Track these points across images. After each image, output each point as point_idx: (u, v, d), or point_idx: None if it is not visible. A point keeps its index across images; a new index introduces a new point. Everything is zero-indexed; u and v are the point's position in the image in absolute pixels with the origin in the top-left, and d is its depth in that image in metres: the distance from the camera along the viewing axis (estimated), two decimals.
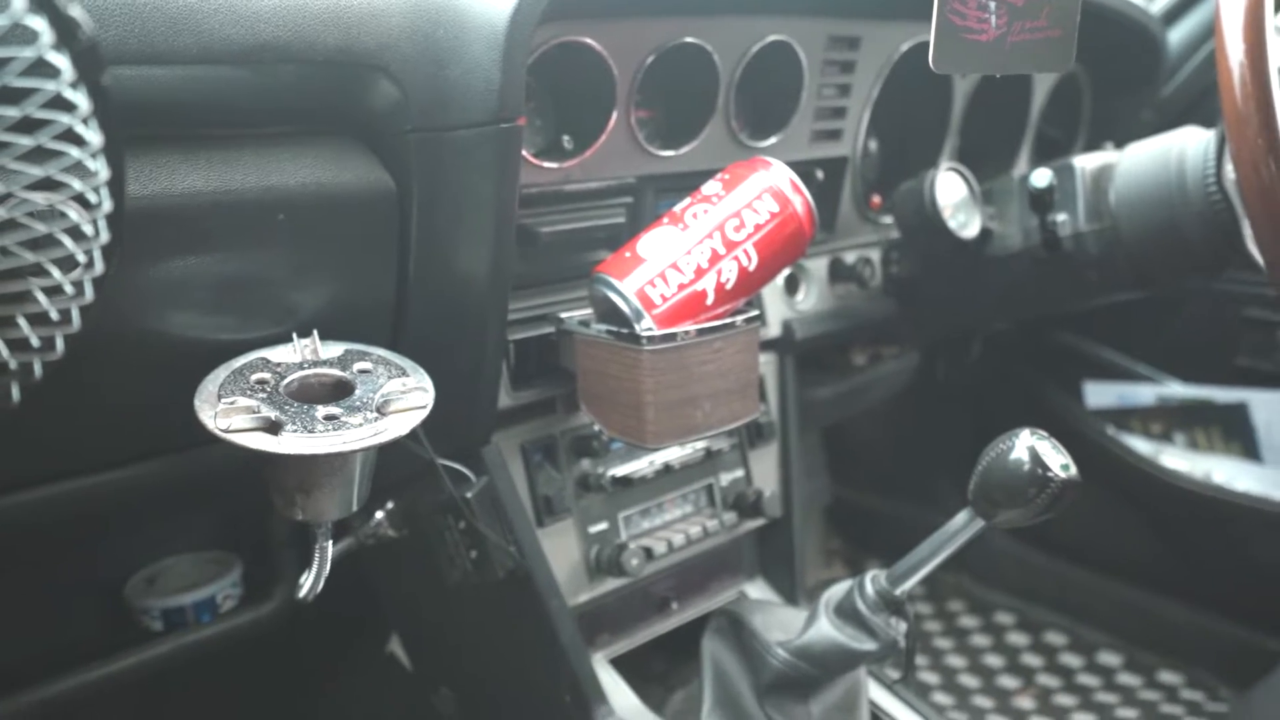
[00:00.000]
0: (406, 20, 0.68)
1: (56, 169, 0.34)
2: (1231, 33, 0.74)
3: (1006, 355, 1.56)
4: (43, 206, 0.35)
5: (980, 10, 0.62)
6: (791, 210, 0.80)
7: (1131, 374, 1.49)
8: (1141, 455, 1.47)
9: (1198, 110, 1.34)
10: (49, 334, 0.39)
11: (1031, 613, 1.62)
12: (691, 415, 0.80)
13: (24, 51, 0.32)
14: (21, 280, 0.36)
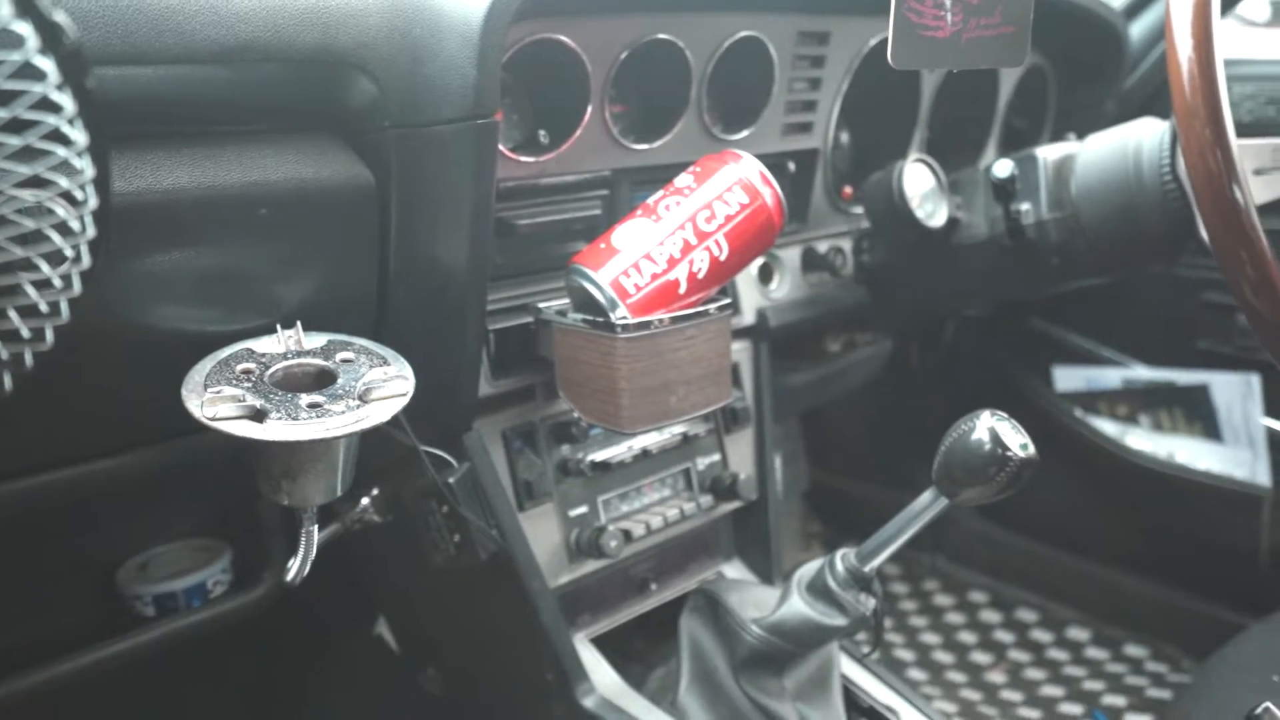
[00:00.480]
0: (384, 20, 0.69)
1: (44, 168, 0.35)
2: (1180, 30, 0.76)
3: (979, 340, 1.59)
4: (31, 204, 0.36)
5: (936, 8, 0.64)
6: (761, 202, 0.82)
7: (1098, 358, 1.52)
8: (1108, 436, 1.50)
9: (1158, 101, 1.36)
10: (39, 325, 0.40)
11: (1003, 591, 1.66)
12: (665, 401, 0.81)
13: (12, 55, 0.33)
14: (11, 274, 0.38)
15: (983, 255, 1.05)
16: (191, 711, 1.19)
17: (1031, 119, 1.35)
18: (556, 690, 0.90)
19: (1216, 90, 0.75)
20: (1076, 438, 1.52)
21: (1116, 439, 1.49)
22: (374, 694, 1.14)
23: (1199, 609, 1.40)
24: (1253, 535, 1.35)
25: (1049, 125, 1.36)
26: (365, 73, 0.68)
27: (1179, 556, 1.46)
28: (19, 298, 0.39)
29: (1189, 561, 1.45)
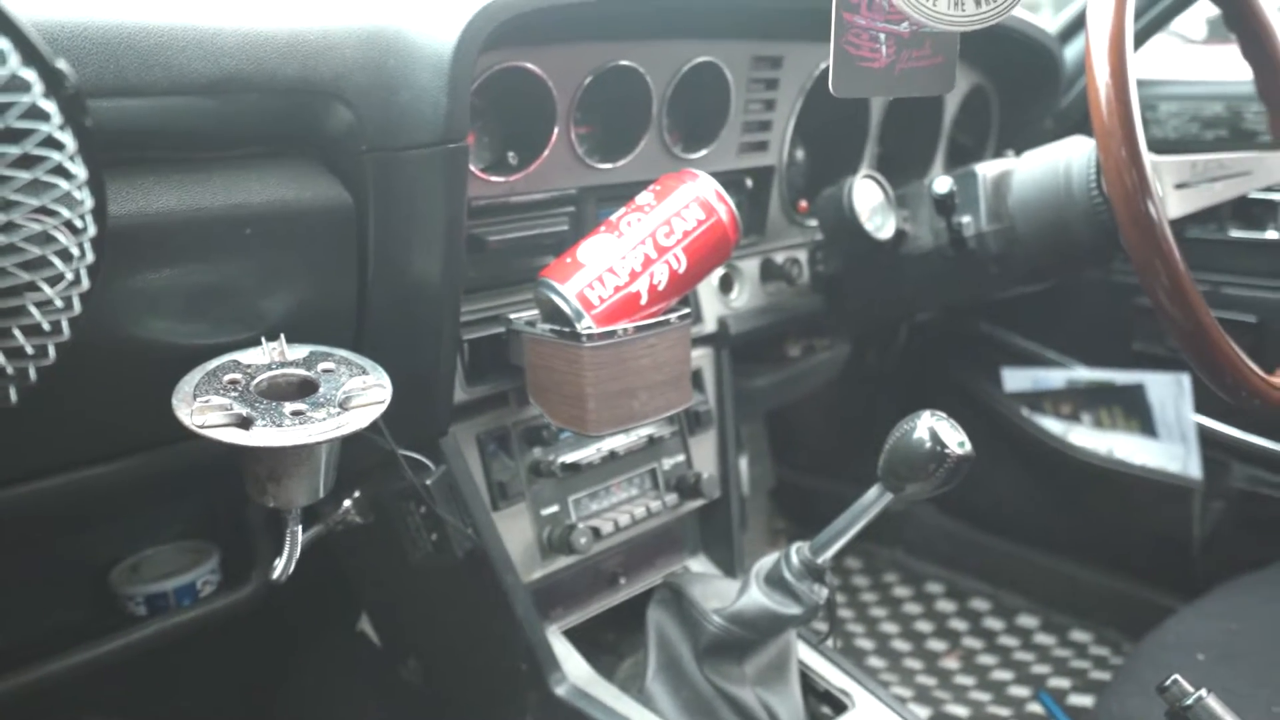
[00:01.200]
0: (360, 51, 0.71)
1: (49, 199, 0.38)
2: (1099, 59, 0.80)
3: (931, 344, 1.62)
4: (37, 232, 0.38)
5: (872, 41, 0.67)
6: (717, 218, 0.84)
7: (1043, 360, 1.55)
8: (1053, 434, 1.54)
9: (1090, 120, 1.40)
10: (42, 343, 0.42)
11: (958, 581, 1.69)
12: (629, 405, 0.83)
13: (21, 98, 0.36)
14: (18, 296, 0.40)
15: (928, 264, 1.08)
16: (183, 706, 1.18)
17: (976, 136, 1.38)
18: (530, 680, 0.92)
19: (1131, 114, 0.79)
20: (1024, 435, 1.56)
21: (1061, 436, 1.52)
22: (357, 686, 1.14)
23: (1138, 594, 1.43)
24: (1185, 524, 1.40)
25: (992, 141, 1.39)
26: (343, 101, 0.70)
27: (1119, 545, 1.50)
28: (24, 318, 0.41)
29: (1128, 550, 1.49)
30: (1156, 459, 1.43)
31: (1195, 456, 1.39)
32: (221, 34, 0.64)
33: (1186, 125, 1.34)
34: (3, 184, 0.36)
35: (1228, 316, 1.31)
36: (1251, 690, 0.92)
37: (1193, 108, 1.34)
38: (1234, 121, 1.30)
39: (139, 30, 0.60)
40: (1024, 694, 1.39)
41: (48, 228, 0.39)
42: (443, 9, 0.73)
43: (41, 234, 0.39)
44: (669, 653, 0.93)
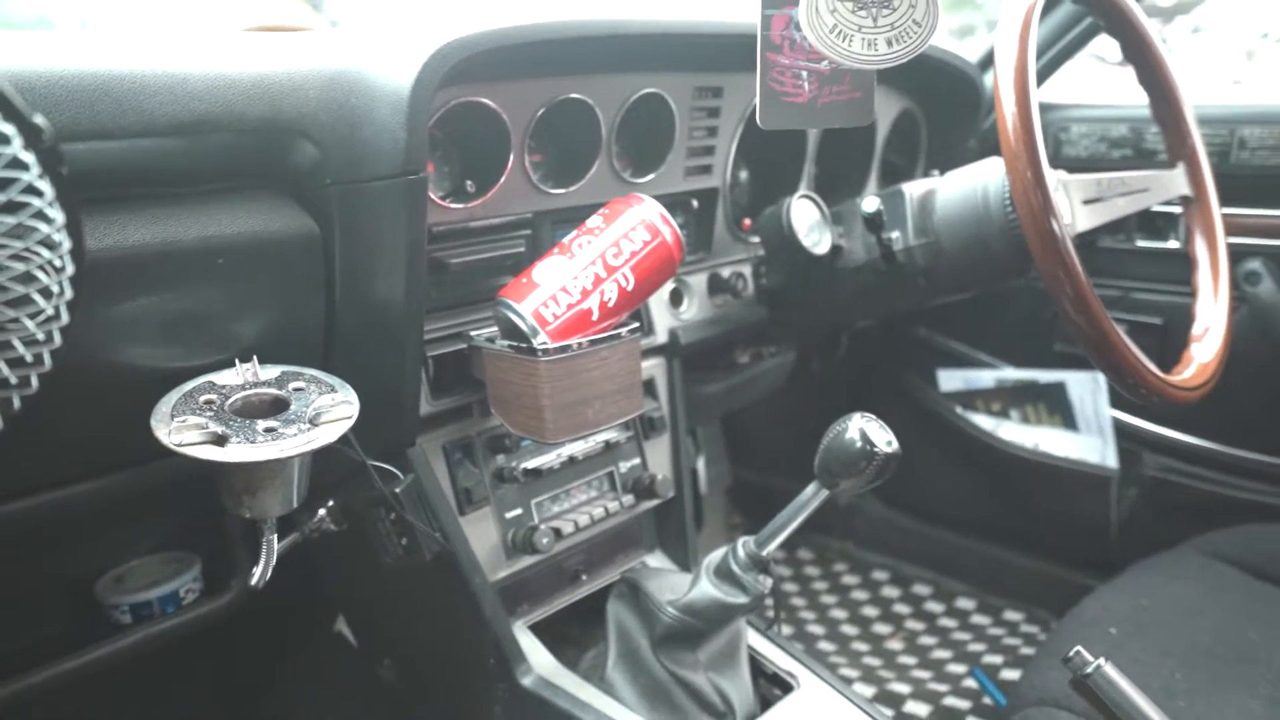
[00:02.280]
0: (323, 91, 0.72)
1: (31, 242, 0.39)
2: (1005, 90, 0.83)
3: (871, 349, 1.65)
4: (19, 272, 0.40)
5: (795, 78, 0.70)
6: (662, 239, 0.86)
7: (975, 361, 1.59)
8: (984, 430, 1.58)
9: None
10: (25, 373, 0.43)
11: (903, 569, 1.73)
12: (583, 413, 0.84)
13: (3, 150, 0.37)
14: (2, 332, 0.41)
15: (861, 277, 1.10)
16: (168, 710, 1.17)
17: (907, 156, 1.41)
18: (499, 673, 0.92)
19: (1035, 141, 0.82)
20: (958, 432, 1.60)
21: (992, 431, 1.56)
22: (336, 685, 1.14)
23: (1063, 575, 1.47)
24: (1104, 510, 1.44)
25: (922, 161, 1.42)
26: (308, 138, 0.71)
27: (1046, 531, 1.54)
28: (8, 351, 0.42)
29: (1054, 535, 1.53)
30: (1077, 451, 1.48)
31: (1112, 448, 1.44)
32: (191, 78, 0.65)
33: (1096, 145, 1.38)
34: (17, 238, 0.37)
35: (1136, 319, 1.37)
36: (1157, 659, 0.96)
37: (1101, 129, 1.38)
38: (1136, 142, 1.34)
39: (112, 77, 0.61)
40: (960, 670, 1.42)
41: (30, 268, 0.40)
42: (401, 51, 0.74)
43: (24, 274, 0.40)
44: (628, 643, 0.94)
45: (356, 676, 1.11)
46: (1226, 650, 0.97)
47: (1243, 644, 0.99)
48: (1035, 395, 1.51)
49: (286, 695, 1.19)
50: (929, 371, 1.63)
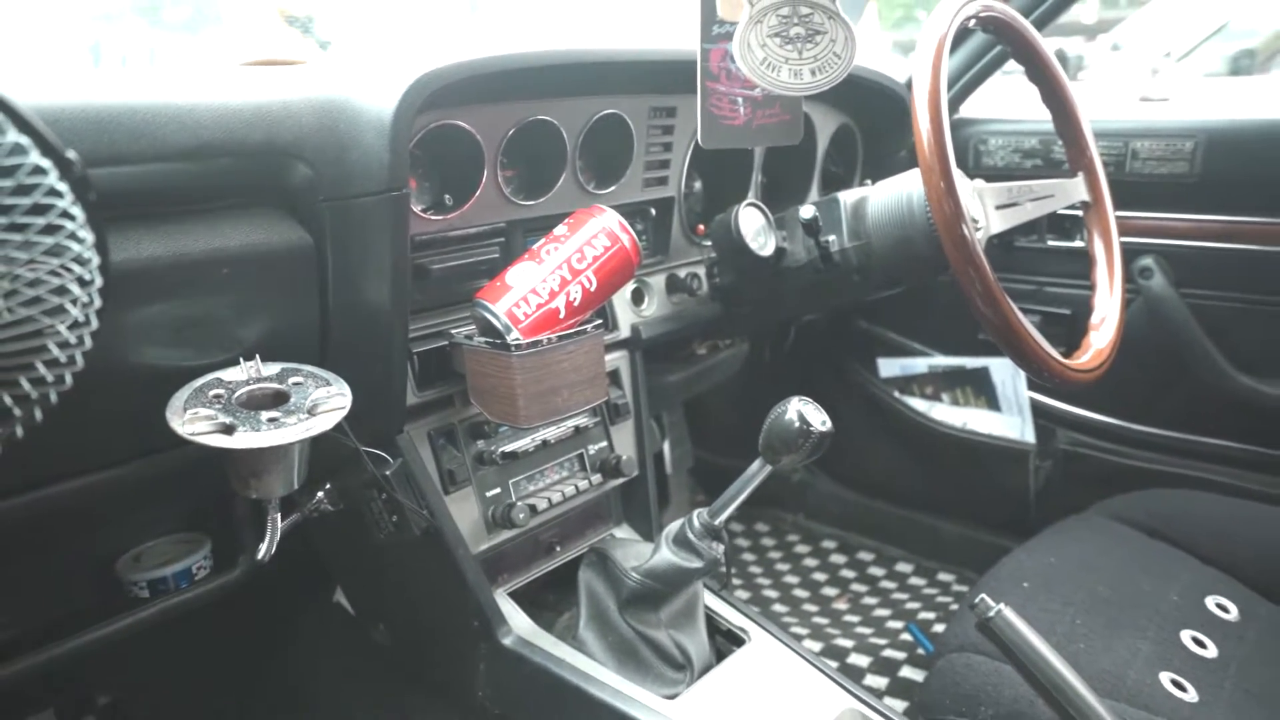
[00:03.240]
0: (315, 118, 0.74)
1: (65, 260, 0.42)
2: (921, 110, 0.87)
3: (818, 339, 1.68)
4: (56, 285, 0.43)
5: (731, 103, 0.74)
6: (621, 245, 0.89)
7: (910, 350, 1.63)
8: (919, 411, 1.62)
9: None
10: (60, 373, 0.46)
11: (849, 539, 1.76)
12: (553, 401, 0.86)
13: (42, 181, 0.40)
14: (40, 337, 0.44)
15: (803, 276, 1.12)
16: (184, 674, 1.18)
17: (845, 166, 1.44)
18: (482, 634, 0.94)
19: (947, 156, 0.86)
20: (896, 413, 1.64)
21: (925, 413, 1.60)
22: (335, 648, 1.15)
23: (989, 539, 1.51)
24: (1023, 480, 1.49)
25: (859, 170, 1.45)
26: (302, 160, 0.74)
27: (973, 500, 1.58)
28: (45, 354, 0.45)
29: (981, 504, 1.57)
30: (1000, 429, 1.52)
31: (1029, 425, 1.49)
32: (197, 109, 0.67)
33: (1010, 155, 1.43)
34: (30, 248, 0.40)
35: (1048, 310, 1.42)
36: (1061, 608, 1.00)
37: (1015, 141, 1.42)
38: (1045, 153, 1.39)
39: (127, 109, 0.63)
40: (898, 626, 1.47)
41: (64, 281, 0.43)
42: (383, 81, 0.76)
43: (59, 287, 0.43)
44: (597, 606, 0.96)
45: (354, 640, 1.12)
46: (1121, 599, 1.03)
47: (1135, 594, 1.04)
48: (963, 380, 1.55)
49: (291, 659, 1.20)
50: (870, 360, 1.66)
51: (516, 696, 0.94)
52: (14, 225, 0.39)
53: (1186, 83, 2.90)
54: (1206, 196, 1.27)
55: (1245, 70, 2.98)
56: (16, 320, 0.43)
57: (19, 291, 0.42)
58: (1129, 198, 1.30)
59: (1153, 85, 2.92)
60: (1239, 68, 2.97)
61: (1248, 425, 1.30)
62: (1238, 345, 1.29)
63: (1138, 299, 1.34)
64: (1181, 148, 1.25)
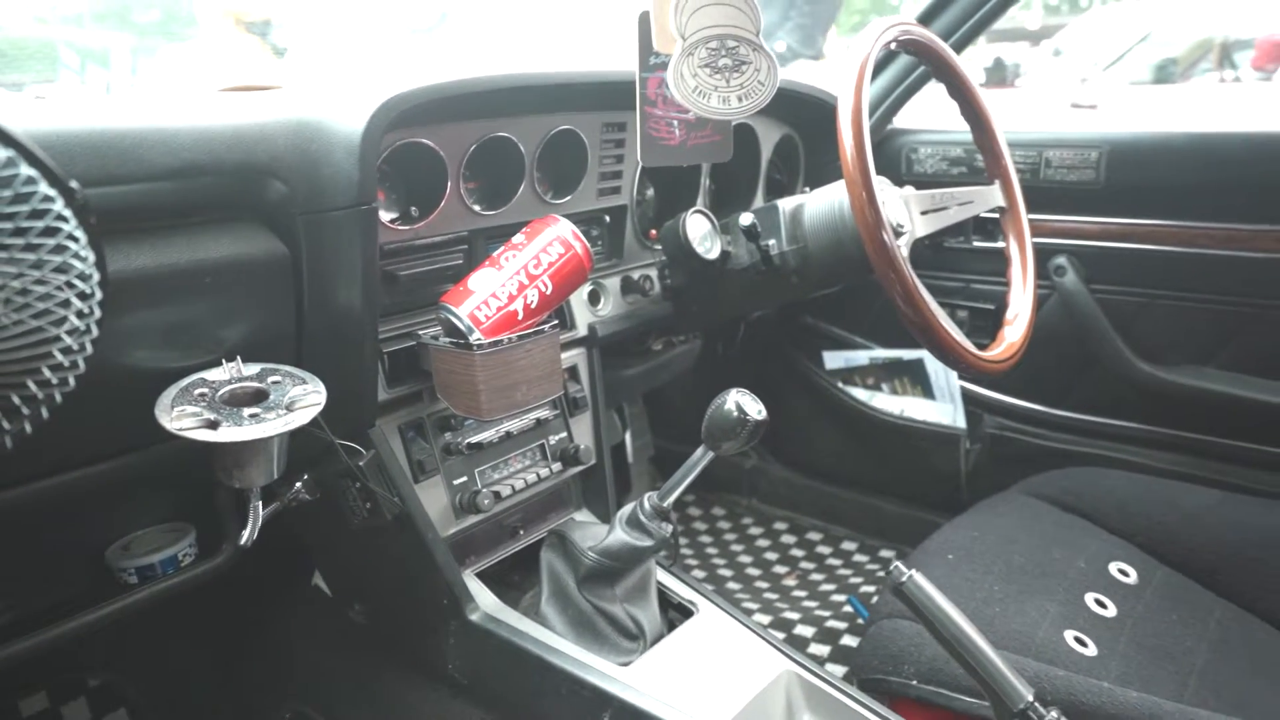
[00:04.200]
0: (289, 139, 0.77)
1: (70, 276, 0.47)
2: (844, 127, 0.92)
3: (768, 335, 1.73)
4: (61, 299, 0.47)
5: (668, 126, 0.80)
6: (574, 252, 0.93)
7: (852, 344, 1.68)
8: (861, 400, 1.67)
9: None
10: (64, 376, 0.51)
11: (798, 520, 1.81)
12: (513, 396, 0.90)
13: (51, 207, 0.45)
14: (48, 344, 0.48)
15: (746, 277, 1.16)
16: (171, 655, 1.20)
17: (788, 174, 1.49)
18: (451, 611, 0.96)
19: (868, 170, 0.92)
20: (841, 403, 1.69)
21: (867, 402, 1.66)
22: (315, 629, 1.17)
23: (925, 517, 1.56)
24: (955, 462, 1.55)
25: (801, 178, 1.49)
26: (277, 177, 0.76)
27: (911, 481, 1.64)
28: (51, 359, 0.50)
29: (917, 484, 1.63)
30: (934, 415, 1.58)
31: (960, 412, 1.55)
32: (180, 132, 0.71)
33: (939, 164, 1.49)
34: (42, 267, 0.45)
35: (975, 305, 1.50)
36: (981, 576, 1.07)
37: (942, 150, 1.48)
38: (970, 161, 1.46)
39: (116, 133, 0.67)
40: (842, 599, 1.53)
41: (69, 295, 0.48)
42: (353, 103, 0.80)
43: (64, 300, 0.48)
44: (557, 583, 0.98)
45: (332, 620, 1.14)
46: (1034, 567, 1.10)
47: (1047, 562, 1.11)
48: (901, 370, 1.61)
49: (272, 639, 1.21)
50: (816, 353, 1.71)
51: (484, 668, 0.97)
52: (29, 245, 0.44)
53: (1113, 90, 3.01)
54: (1111, 201, 1.35)
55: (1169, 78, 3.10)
56: (27, 330, 0.48)
57: (30, 304, 0.47)
58: (1044, 202, 1.37)
59: (1082, 92, 3.03)
60: (1163, 75, 3.08)
61: (1149, 408, 1.39)
62: (1140, 336, 1.37)
63: (1053, 295, 1.42)
64: (1088, 157, 1.33)
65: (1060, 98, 3.06)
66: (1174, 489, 1.22)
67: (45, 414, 0.51)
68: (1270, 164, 1.24)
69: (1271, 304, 1.27)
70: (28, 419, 0.51)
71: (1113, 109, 2.90)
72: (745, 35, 0.75)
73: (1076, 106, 3.06)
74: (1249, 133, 1.25)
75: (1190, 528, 1.16)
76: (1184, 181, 1.28)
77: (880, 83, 1.47)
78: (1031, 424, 1.49)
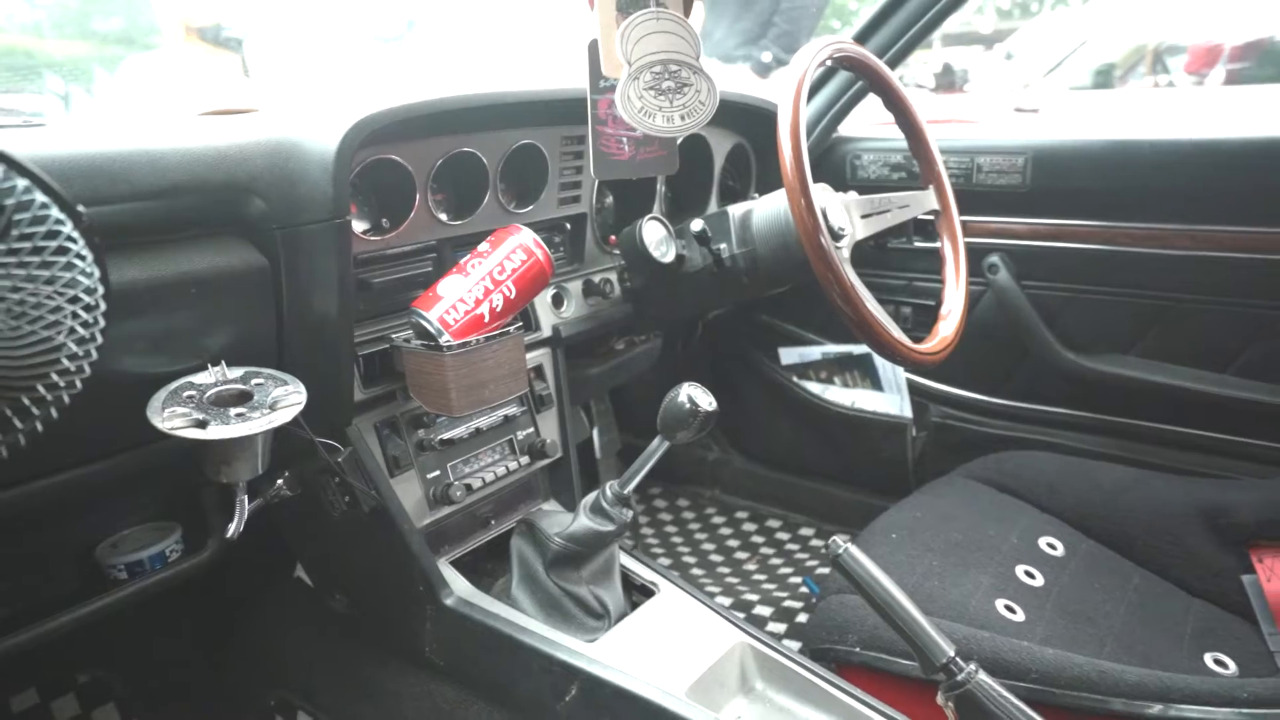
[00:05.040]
0: (267, 159, 0.82)
1: (78, 290, 0.52)
2: (784, 137, 0.99)
3: (725, 333, 1.78)
4: (70, 311, 0.53)
5: (618, 142, 0.86)
6: (535, 259, 0.98)
7: (806, 340, 1.74)
8: (815, 394, 1.73)
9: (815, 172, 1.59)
10: (70, 380, 0.56)
11: (759, 508, 1.87)
12: (481, 393, 0.95)
13: (62, 229, 0.50)
14: (57, 351, 0.54)
15: (700, 279, 1.21)
16: (157, 650, 1.23)
17: (741, 180, 1.54)
18: (427, 597, 1.00)
19: (806, 179, 0.99)
20: (796, 396, 1.75)
21: (820, 395, 1.72)
22: (298, 619, 1.20)
23: (876, 502, 1.60)
24: (903, 450, 1.62)
25: (753, 183, 1.55)
26: (257, 194, 0.81)
27: (864, 469, 1.71)
28: (58, 365, 0.55)
29: (869, 471, 1.70)
30: (883, 406, 1.65)
31: (907, 402, 1.62)
32: (166, 154, 0.75)
33: (881, 169, 1.56)
34: (54, 283, 0.50)
35: (918, 302, 1.58)
36: (921, 553, 1.15)
37: (884, 157, 1.55)
38: (909, 166, 1.53)
39: (107, 157, 0.71)
40: (797, 580, 1.60)
41: (76, 308, 0.53)
42: (326, 124, 0.84)
43: (72, 312, 0.53)
44: (527, 568, 1.03)
45: (314, 610, 1.18)
46: (970, 544, 1.18)
47: (982, 538, 1.19)
48: (851, 364, 1.68)
49: (257, 629, 1.25)
50: (772, 349, 1.77)
51: (459, 649, 1.02)
52: (43, 263, 0.49)
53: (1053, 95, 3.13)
54: (1036, 203, 1.44)
55: (1108, 83, 3.23)
56: (39, 339, 0.53)
57: (42, 316, 0.52)
58: (977, 205, 1.46)
59: (1025, 97, 3.14)
60: (1101, 80, 3.21)
61: (1076, 395, 1.47)
62: (1067, 328, 1.46)
63: (988, 291, 1.50)
64: (1015, 163, 1.42)
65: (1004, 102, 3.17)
66: (1098, 469, 1.31)
67: (54, 414, 0.56)
68: (1179, 168, 1.33)
69: (1184, 296, 1.36)
70: (38, 419, 0.56)
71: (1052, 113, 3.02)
72: (686, 60, 0.81)
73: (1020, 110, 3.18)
74: (1157, 140, 1.34)
75: (1112, 504, 1.25)
76: (1103, 185, 1.37)
77: (825, 95, 1.54)
78: (972, 412, 1.57)
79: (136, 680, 1.25)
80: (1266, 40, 2.98)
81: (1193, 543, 1.18)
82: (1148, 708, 0.84)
